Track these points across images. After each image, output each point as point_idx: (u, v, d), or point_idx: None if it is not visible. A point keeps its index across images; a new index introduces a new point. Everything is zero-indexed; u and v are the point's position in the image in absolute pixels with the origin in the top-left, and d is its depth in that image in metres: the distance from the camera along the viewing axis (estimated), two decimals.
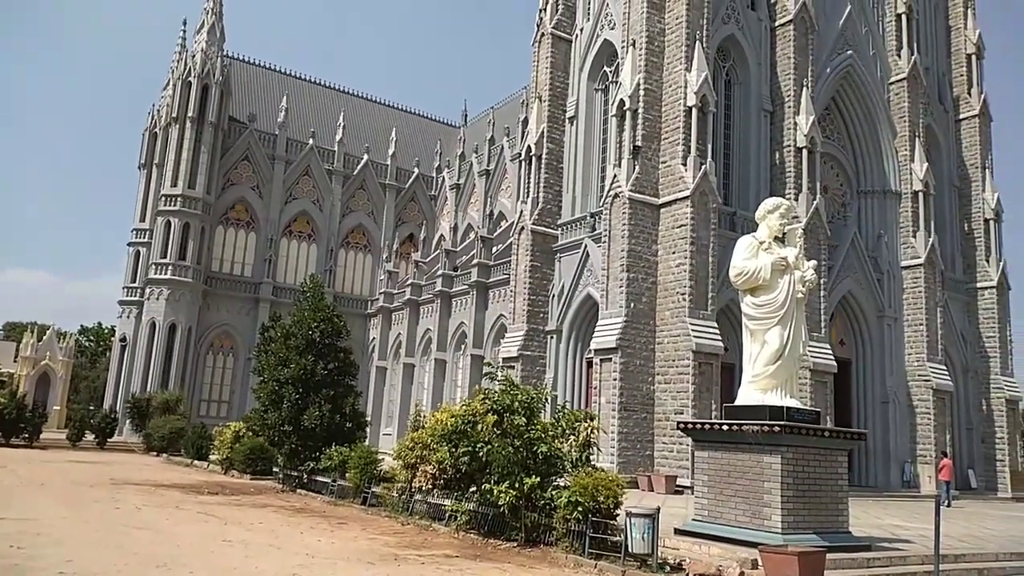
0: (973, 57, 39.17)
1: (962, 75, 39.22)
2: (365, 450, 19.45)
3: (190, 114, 48.57)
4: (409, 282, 48.00)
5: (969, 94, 38.88)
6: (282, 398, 22.92)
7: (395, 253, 54.15)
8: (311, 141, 55.37)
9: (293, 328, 24.00)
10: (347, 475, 19.18)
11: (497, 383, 15.41)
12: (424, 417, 18.17)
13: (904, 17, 35.46)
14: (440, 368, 42.81)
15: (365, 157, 57.47)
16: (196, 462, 30.48)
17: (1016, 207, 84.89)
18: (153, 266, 47.33)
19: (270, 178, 53.40)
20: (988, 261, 37.17)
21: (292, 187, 54.61)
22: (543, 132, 32.79)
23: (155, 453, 36.02)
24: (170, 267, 46.85)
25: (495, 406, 14.49)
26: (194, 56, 49.66)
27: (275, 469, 24.34)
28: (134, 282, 50.06)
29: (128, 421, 43.46)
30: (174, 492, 19.61)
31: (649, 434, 26.11)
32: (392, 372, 48.76)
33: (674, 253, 26.75)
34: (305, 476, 21.87)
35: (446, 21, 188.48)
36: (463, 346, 41.32)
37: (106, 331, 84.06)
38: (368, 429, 26.36)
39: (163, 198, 48.08)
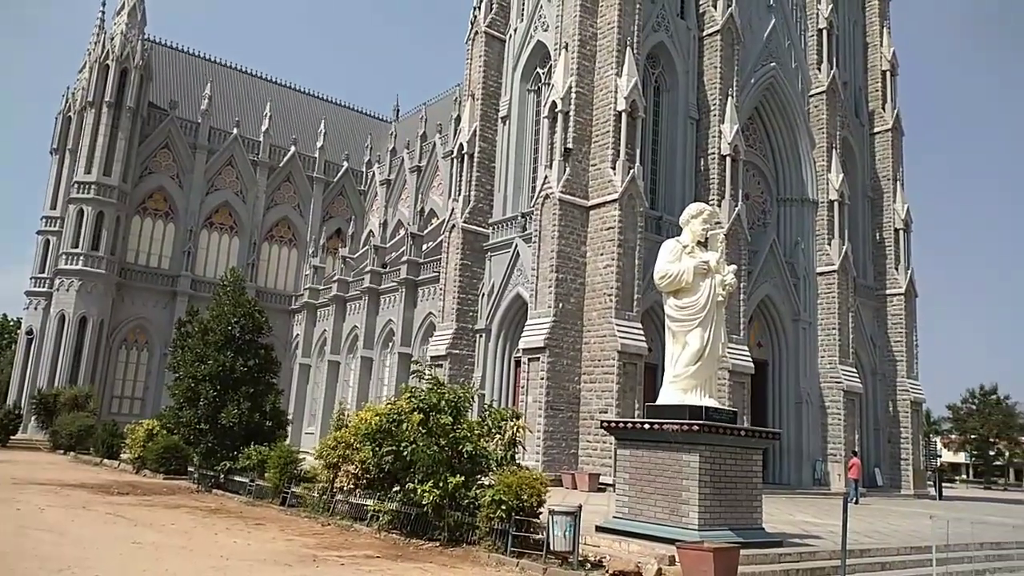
0: (888, 74, 40.99)
1: (877, 91, 41.04)
2: (285, 449, 19.02)
3: (107, 98, 46.47)
4: (336, 278, 47.18)
5: (883, 109, 40.71)
6: (199, 395, 22.17)
7: (322, 248, 53.08)
8: (235, 130, 53.74)
9: (212, 323, 23.23)
10: (266, 475, 18.70)
11: (424, 382, 15.29)
12: (348, 416, 17.87)
13: (825, 32, 36.89)
14: (367, 366, 42.25)
15: (292, 149, 56.15)
16: (106, 461, 29.22)
17: (924, 217, 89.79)
18: (64, 256, 45.08)
19: (191, 167, 51.58)
20: (897, 269, 39.01)
21: (214, 177, 52.88)
22: (476, 131, 32.73)
23: (62, 451, 34.35)
24: (82, 257, 44.72)
25: (421, 405, 14.37)
26: (113, 39, 47.53)
27: (190, 469, 23.53)
28: (43, 272, 47.55)
29: (33, 418, 41.29)
30: (81, 492, 18.73)
31: (574, 433, 26.39)
32: (316, 370, 47.83)
33: (602, 255, 27.10)
34: (222, 476, 21.21)
35: (379, 14, 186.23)
36: (391, 344, 40.87)
37: (11, 323, 79.64)
38: (289, 428, 25.81)
39: (76, 185, 45.84)
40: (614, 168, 27.24)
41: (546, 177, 27.94)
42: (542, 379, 26.00)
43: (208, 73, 57.46)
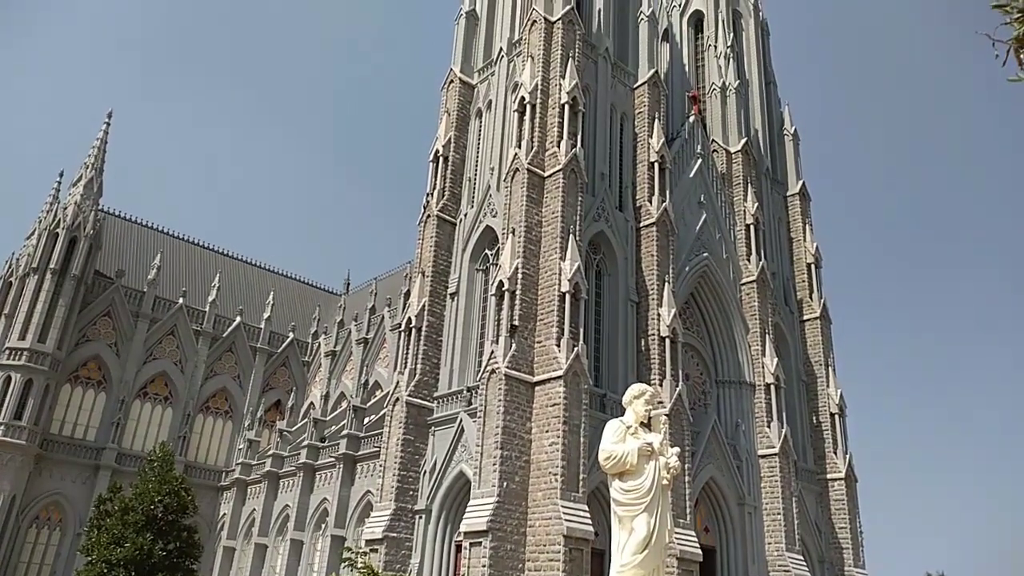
0: (812, 266, 43.88)
1: (804, 281, 43.70)
2: None
3: (52, 266, 46.20)
4: (271, 452, 45.34)
5: (811, 298, 43.13)
6: None
7: (259, 420, 51.40)
8: (181, 300, 53.51)
9: (134, 501, 21.95)
10: None
11: (357, 571, 14.46)
12: None
13: (752, 227, 39.75)
14: (296, 550, 39.66)
15: (237, 319, 55.85)
16: None
17: (862, 395, 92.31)
18: None
19: (131, 335, 50.59)
20: (836, 453, 39.52)
21: (154, 346, 51.81)
22: (424, 306, 33.34)
23: None
24: (1, 428, 42.33)
25: None
26: (66, 208, 48.03)
27: None
28: None
29: None
30: None
31: None
32: (241, 554, 44.63)
33: (548, 431, 26.96)
34: None
35: (335, 194, 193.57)
36: (324, 525, 38.73)
37: None
38: None
39: (7, 351, 44.33)
40: (559, 345, 27.83)
41: (492, 352, 28.28)
42: (484, 566, 24.77)
43: (159, 244, 58.05)
